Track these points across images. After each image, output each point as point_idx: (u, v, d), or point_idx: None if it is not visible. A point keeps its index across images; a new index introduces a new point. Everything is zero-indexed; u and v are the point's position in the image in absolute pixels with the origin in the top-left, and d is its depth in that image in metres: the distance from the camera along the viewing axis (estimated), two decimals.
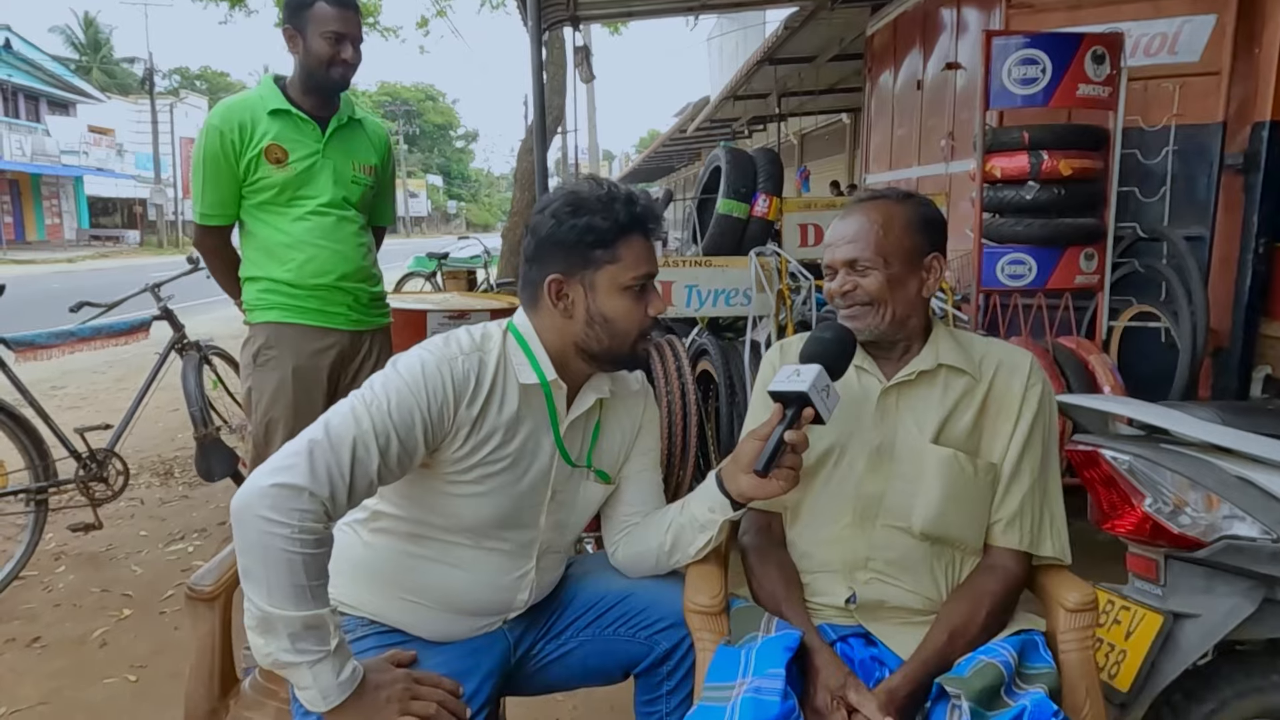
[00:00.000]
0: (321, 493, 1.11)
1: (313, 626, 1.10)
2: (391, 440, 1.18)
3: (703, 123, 15.22)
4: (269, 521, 1.08)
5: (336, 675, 1.12)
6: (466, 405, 1.24)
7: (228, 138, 2.14)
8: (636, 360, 1.35)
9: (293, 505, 1.09)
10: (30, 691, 2.32)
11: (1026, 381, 1.34)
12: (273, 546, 1.08)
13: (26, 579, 3.01)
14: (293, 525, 1.09)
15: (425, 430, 1.20)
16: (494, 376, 1.28)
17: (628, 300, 1.28)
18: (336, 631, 1.13)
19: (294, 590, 1.09)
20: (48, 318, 3.42)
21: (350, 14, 2.20)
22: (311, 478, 1.11)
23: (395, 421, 1.18)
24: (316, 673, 1.11)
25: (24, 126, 27.31)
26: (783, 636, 1.16)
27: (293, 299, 2.23)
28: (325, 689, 1.11)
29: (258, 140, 2.15)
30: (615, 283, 1.27)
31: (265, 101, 2.18)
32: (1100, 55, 3.10)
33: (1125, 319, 3.38)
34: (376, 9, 10.13)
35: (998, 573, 1.28)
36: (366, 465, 1.16)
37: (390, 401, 1.19)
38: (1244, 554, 1.32)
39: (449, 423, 1.23)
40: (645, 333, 1.32)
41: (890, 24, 7.11)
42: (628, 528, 1.47)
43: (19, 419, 2.91)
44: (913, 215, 1.37)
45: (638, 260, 1.28)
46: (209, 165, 2.17)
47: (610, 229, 1.25)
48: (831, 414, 1.27)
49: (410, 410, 1.19)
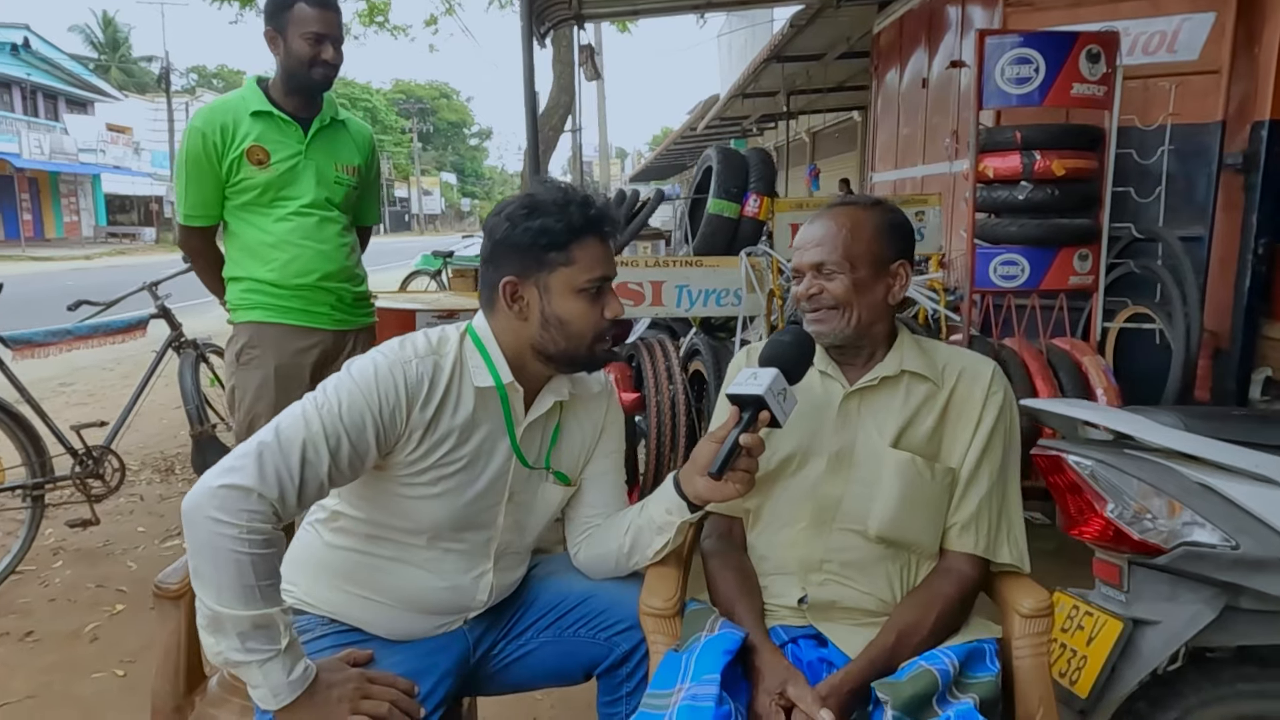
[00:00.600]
0: (270, 494, 1.12)
1: (261, 626, 1.11)
2: (342, 442, 1.19)
3: (712, 120, 15.18)
4: (217, 522, 1.09)
5: (287, 674, 1.12)
6: (420, 408, 1.25)
7: (209, 139, 2.16)
8: (594, 362, 1.36)
9: (240, 506, 1.10)
10: (20, 685, 2.36)
11: (988, 389, 1.34)
12: (221, 547, 1.10)
13: (24, 573, 3.05)
14: (241, 525, 1.10)
15: (377, 433, 1.21)
16: (449, 379, 1.29)
17: (583, 302, 1.28)
18: (287, 631, 1.13)
19: (243, 590, 1.10)
20: (60, 315, 3.47)
21: (331, 15, 2.21)
22: (260, 479, 1.12)
23: (346, 424, 1.19)
24: (266, 671, 1.12)
25: (43, 125, 27.62)
26: (722, 638, 1.17)
27: (275, 299, 2.25)
28: (275, 687, 1.12)
29: (239, 142, 2.17)
30: (570, 285, 1.27)
31: (247, 103, 2.20)
32: (1095, 54, 3.07)
33: (1120, 320, 3.35)
34: (386, 7, 10.17)
35: (952, 576, 1.28)
36: (316, 467, 1.17)
37: (341, 404, 1.20)
38: (1203, 561, 1.31)
39: (401, 425, 1.24)
40: (602, 335, 1.32)
41: (896, 22, 7.08)
42: (589, 529, 1.48)
43: (16, 416, 2.95)
44: (880, 221, 1.37)
45: (592, 263, 1.28)
46: (191, 167, 2.20)
47: (564, 231, 1.26)
48: (788, 417, 1.27)
49: (361, 413, 1.20)
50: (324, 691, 1.16)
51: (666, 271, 3.16)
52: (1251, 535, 1.27)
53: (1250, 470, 1.29)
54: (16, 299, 2.87)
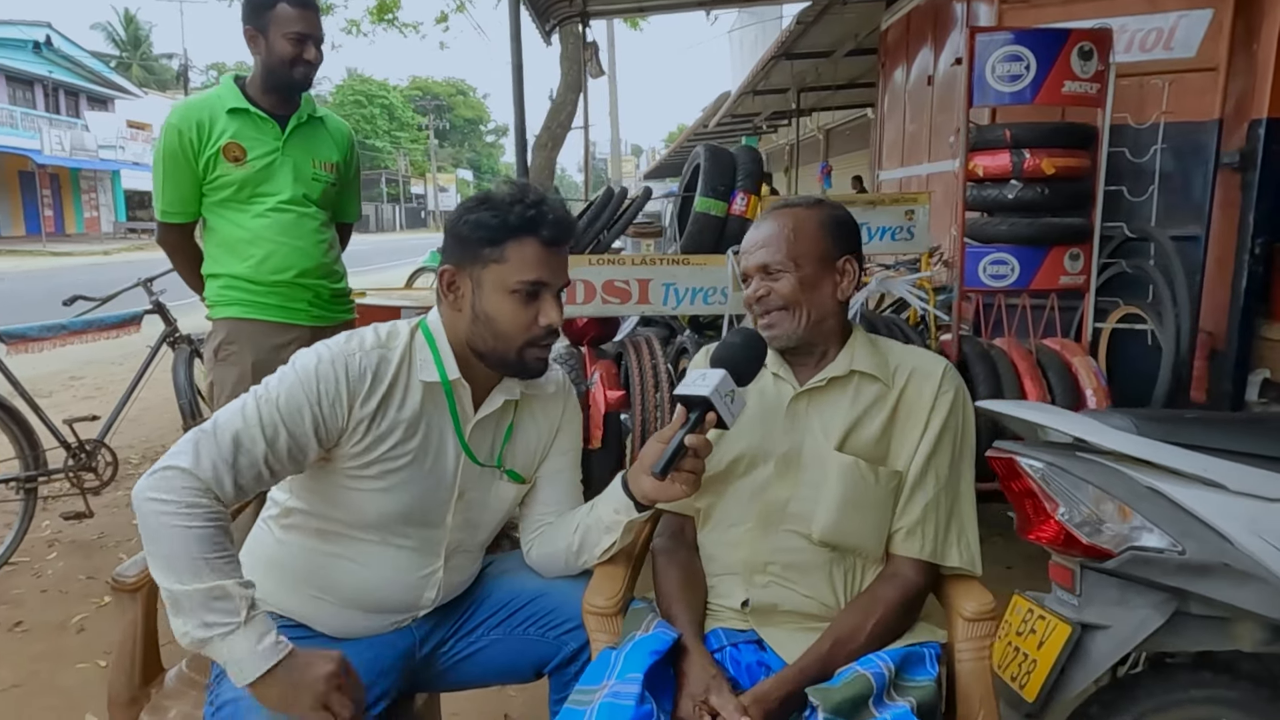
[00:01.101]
0: (204, 476, 1.15)
1: (218, 598, 1.11)
2: (279, 432, 1.20)
3: (724, 118, 15.14)
4: (157, 500, 1.12)
5: (254, 644, 1.11)
6: (361, 402, 1.26)
7: (186, 136, 2.18)
8: (524, 369, 1.34)
9: (176, 483, 1.13)
10: (6, 674, 2.40)
11: (938, 389, 1.33)
12: (164, 524, 1.12)
13: (18, 564, 3.10)
14: (178, 500, 1.12)
15: (316, 424, 1.23)
16: (395, 373, 1.30)
17: (513, 303, 1.28)
18: (245, 602, 1.12)
19: (190, 563, 1.11)
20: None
21: (311, 14, 2.23)
22: (195, 463, 1.15)
23: (284, 415, 1.21)
24: (230, 645, 1.10)
25: (64, 122, 27.96)
26: (652, 638, 1.17)
27: (252, 295, 2.27)
28: (240, 660, 1.10)
29: (216, 139, 2.19)
30: (501, 283, 1.28)
31: (223, 100, 2.22)
32: (1087, 51, 3.03)
33: (1113, 321, 3.31)
34: (395, 4, 10.20)
35: (895, 582, 1.28)
36: (252, 455, 1.18)
37: (280, 396, 1.22)
38: (1150, 565, 1.30)
39: (343, 419, 1.25)
40: (534, 342, 1.31)
41: (903, 18, 7.04)
42: (542, 527, 1.48)
43: (10, 409, 3.00)
44: (823, 218, 1.37)
45: (525, 264, 1.27)
46: (168, 163, 2.22)
47: (498, 227, 1.26)
48: (736, 418, 1.27)
49: (300, 405, 1.22)
50: (301, 670, 1.13)
51: (653, 269, 3.15)
52: (1198, 540, 1.26)
53: (1198, 475, 1.28)
54: (36, 293, 2.92)
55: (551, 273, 1.30)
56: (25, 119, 26.23)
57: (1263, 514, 1.23)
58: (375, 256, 21.84)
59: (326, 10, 10.14)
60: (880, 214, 3.24)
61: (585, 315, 3.18)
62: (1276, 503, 1.24)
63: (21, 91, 27.73)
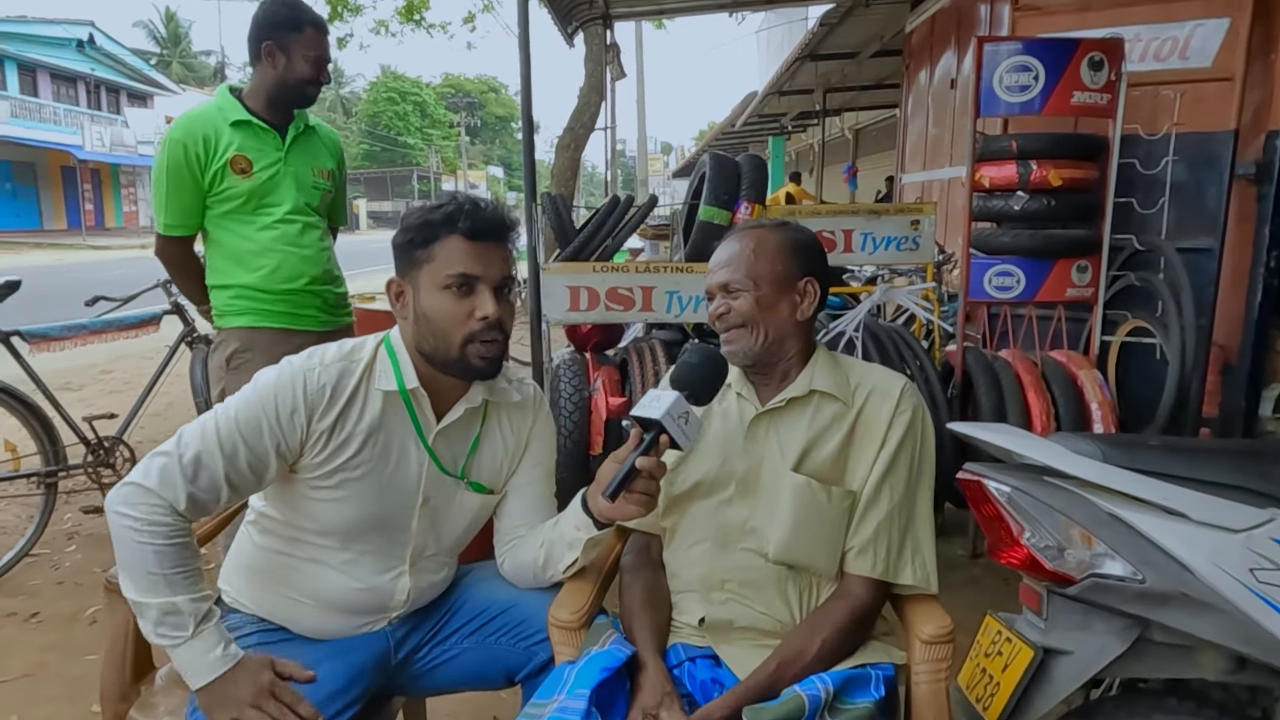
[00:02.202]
0: (166, 495, 1.21)
1: (169, 613, 1.19)
2: (239, 450, 1.26)
3: (750, 118, 15.10)
4: (122, 515, 1.20)
5: (203, 655, 1.20)
6: (319, 416, 1.31)
7: (191, 151, 2.22)
8: (469, 367, 1.35)
9: (139, 500, 1.20)
10: (17, 663, 2.49)
11: (895, 407, 1.34)
12: (126, 538, 1.20)
13: (38, 556, 3.21)
14: (141, 519, 1.19)
15: (275, 440, 1.28)
16: (356, 384, 1.34)
17: (447, 299, 1.31)
18: (194, 619, 1.19)
19: (147, 578, 1.19)
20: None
21: (327, 39, 2.32)
22: (158, 482, 1.21)
23: (243, 433, 1.26)
24: (180, 655, 1.20)
25: (105, 118, 28.62)
26: (606, 654, 1.19)
27: (264, 304, 2.32)
28: (191, 668, 1.20)
29: (222, 152, 2.23)
30: (433, 280, 1.32)
31: (225, 113, 2.25)
32: (1098, 61, 3.00)
33: (1121, 334, 3.27)
34: (424, 4, 10.31)
35: (845, 601, 1.29)
36: (213, 472, 1.24)
37: (240, 414, 1.27)
38: (1110, 592, 1.29)
39: (301, 432, 1.30)
40: (474, 337, 1.33)
41: (928, 20, 6.99)
42: (513, 539, 1.52)
43: (31, 406, 3.09)
44: (783, 240, 1.40)
45: (451, 258, 1.31)
46: (171, 177, 2.24)
47: (423, 228, 1.32)
48: (691, 440, 1.28)
49: (258, 422, 1.27)
50: (234, 682, 1.20)
51: (657, 277, 3.17)
52: (1157, 569, 1.26)
53: (1160, 503, 1.27)
54: (70, 285, 3.02)
55: (481, 265, 1.32)
56: (68, 115, 26.91)
57: (1223, 544, 1.23)
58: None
59: (356, 11, 10.28)
60: (885, 224, 3.24)
61: (589, 322, 3.22)
62: (1238, 533, 1.23)
63: (65, 88, 28.43)
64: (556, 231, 3.27)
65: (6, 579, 3.02)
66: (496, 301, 1.33)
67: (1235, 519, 1.25)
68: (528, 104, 3.26)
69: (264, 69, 2.29)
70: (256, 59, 2.30)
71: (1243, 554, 1.22)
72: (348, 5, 9.94)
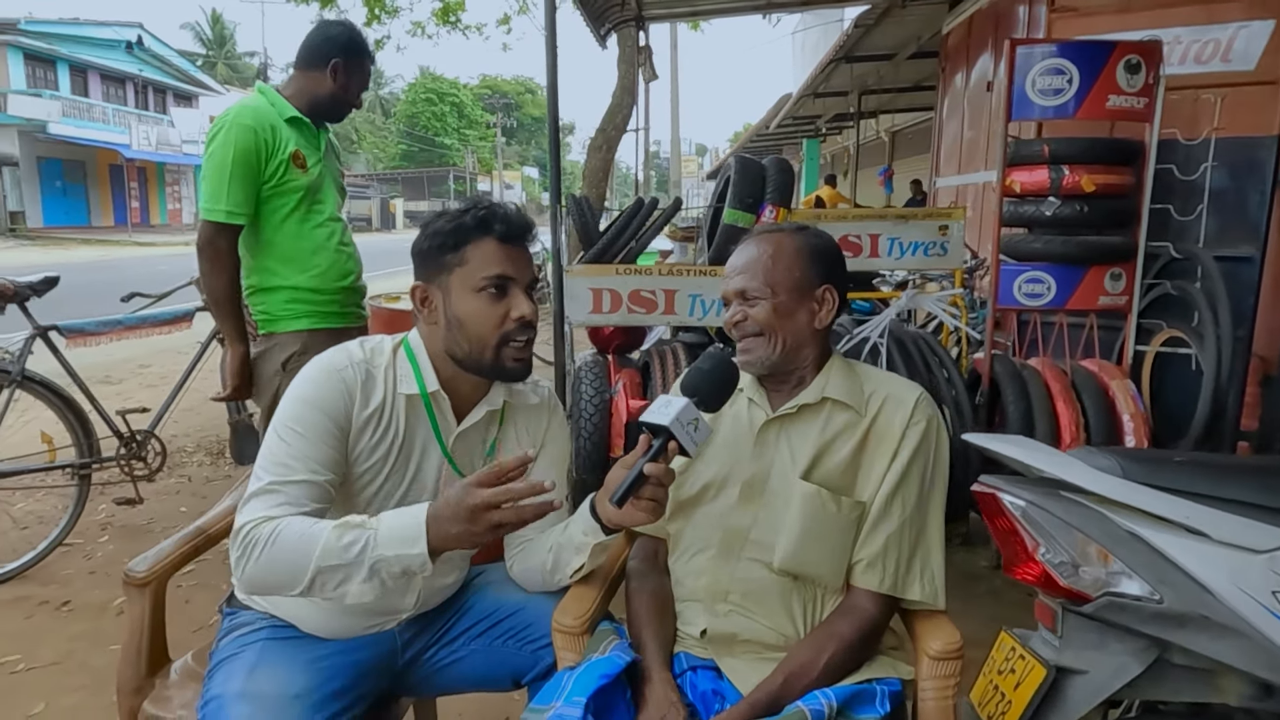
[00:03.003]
0: (273, 514, 1.21)
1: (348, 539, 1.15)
2: (324, 451, 1.27)
3: (784, 120, 15.01)
4: (250, 545, 1.19)
5: (400, 516, 1.17)
6: (360, 406, 1.32)
7: (261, 137, 2.19)
8: (503, 369, 1.36)
9: (249, 530, 1.20)
10: (47, 651, 2.55)
11: (909, 418, 1.31)
12: (260, 561, 1.19)
13: (71, 546, 3.28)
14: (266, 537, 1.19)
15: (337, 434, 1.29)
16: (381, 386, 1.35)
17: (481, 302, 1.32)
18: (360, 526, 1.17)
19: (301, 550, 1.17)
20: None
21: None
22: (265, 508, 1.22)
23: (316, 431, 1.27)
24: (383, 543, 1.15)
25: (151, 118, 29.31)
26: (605, 661, 1.18)
27: (320, 305, 2.34)
28: (405, 531, 1.15)
29: (285, 144, 2.23)
30: (466, 284, 1.32)
31: (280, 109, 2.26)
32: (1135, 65, 2.93)
33: (1157, 344, 3.19)
34: (459, 6, 10.40)
35: (852, 615, 1.27)
36: (318, 482, 1.26)
37: (303, 419, 1.28)
38: (1126, 612, 1.26)
39: (350, 422, 1.31)
40: (509, 338, 1.34)
41: (965, 21, 6.88)
42: (524, 543, 1.51)
43: (67, 400, 3.17)
44: (802, 246, 1.37)
45: (486, 261, 1.32)
46: (240, 163, 2.17)
47: (454, 232, 1.32)
48: (700, 446, 1.27)
49: (318, 420, 1.28)
50: (453, 509, 1.15)
51: (680, 280, 3.16)
52: (1176, 589, 1.22)
53: (1180, 521, 1.24)
54: (115, 283, 3.11)
55: (515, 267, 1.34)
56: (117, 115, 27.60)
57: (1245, 565, 1.19)
58: None
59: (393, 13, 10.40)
60: (913, 229, 3.19)
61: (611, 324, 3.21)
62: (1261, 554, 1.19)
63: (114, 89, 29.18)
64: (581, 234, 3.27)
65: (41, 567, 3.10)
66: (529, 301, 1.35)
67: (1259, 539, 1.20)
68: (554, 107, 3.27)
69: (321, 80, 2.33)
70: (313, 68, 2.33)
71: (1266, 576, 1.18)
72: (385, 7, 10.06)
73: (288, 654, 1.35)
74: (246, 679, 1.30)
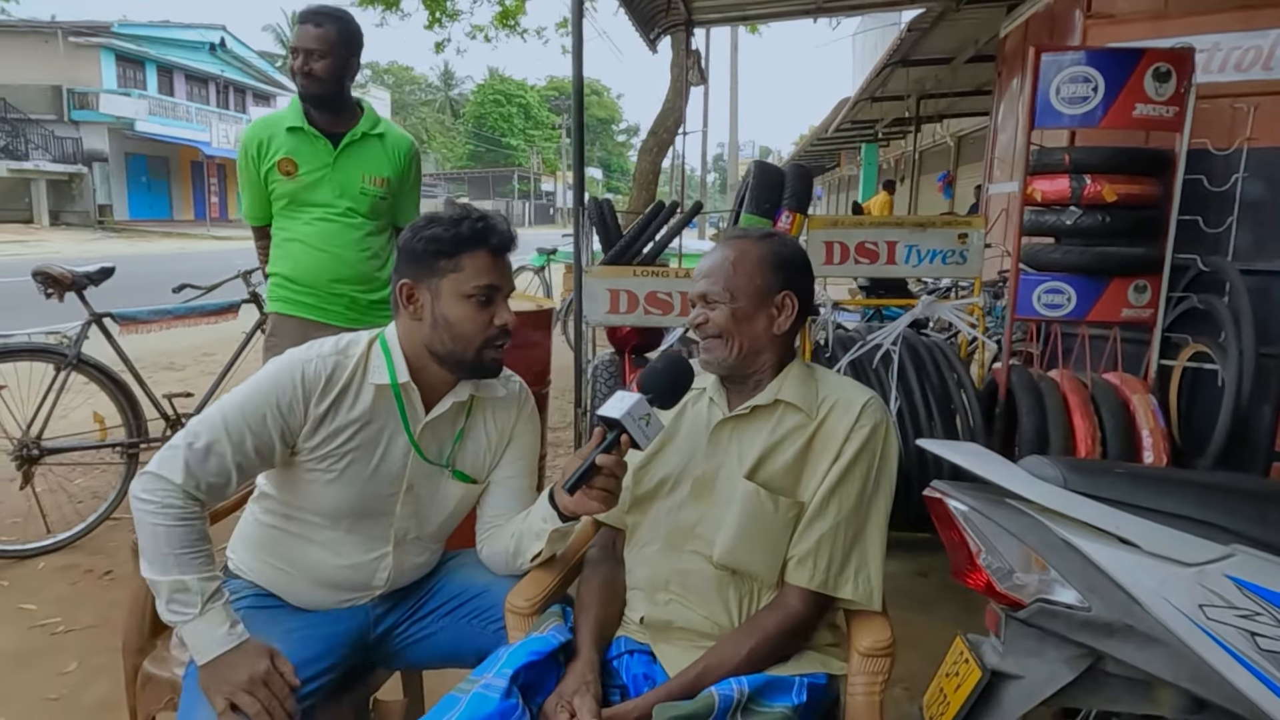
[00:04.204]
0: (179, 481, 1.32)
1: (179, 590, 1.30)
2: (245, 436, 1.37)
3: (843, 124, 14.84)
4: (140, 500, 1.32)
5: (211, 632, 1.30)
6: (316, 402, 1.42)
7: (248, 152, 2.50)
8: (483, 368, 1.47)
9: (154, 486, 1.32)
10: (86, 615, 2.74)
11: (854, 421, 1.35)
12: (143, 521, 1.32)
13: (119, 520, 3.50)
14: (155, 502, 1.31)
15: (277, 424, 1.39)
16: (349, 377, 1.45)
17: (470, 308, 1.42)
18: (201, 597, 1.30)
19: (159, 557, 1.31)
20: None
21: (308, 29, 2.49)
22: (172, 469, 1.33)
23: (247, 419, 1.37)
24: (189, 631, 1.31)
25: (231, 116, 30.57)
26: (538, 639, 1.26)
27: (292, 293, 2.55)
28: (197, 645, 1.31)
29: (273, 154, 2.48)
30: (458, 290, 1.41)
31: (285, 120, 2.50)
32: (1164, 73, 2.87)
33: (1183, 359, 3.11)
34: (518, 10, 10.62)
35: (780, 610, 1.31)
36: (222, 458, 1.36)
37: (244, 403, 1.39)
38: (1057, 619, 1.27)
39: (300, 416, 1.41)
40: (491, 341, 1.44)
41: (1022, 25, 6.74)
42: (492, 528, 1.60)
43: (118, 382, 3.38)
44: (765, 254, 1.41)
45: (479, 271, 1.41)
46: (241, 174, 2.59)
47: (451, 240, 1.40)
48: (651, 440, 1.33)
49: (261, 408, 1.38)
50: (233, 664, 1.29)
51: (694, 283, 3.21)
52: (1104, 598, 1.23)
53: (1113, 531, 1.24)
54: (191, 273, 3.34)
55: (502, 277, 1.44)
56: (199, 113, 28.87)
57: (1173, 578, 1.19)
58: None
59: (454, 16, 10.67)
60: (931, 236, 3.18)
61: (627, 325, 3.28)
62: (1191, 568, 1.20)
63: (197, 88, 30.52)
64: (600, 236, 3.35)
65: (90, 538, 3.32)
66: (508, 309, 1.45)
67: (1190, 553, 1.21)
68: (579, 111, 3.36)
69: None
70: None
71: (1193, 589, 1.18)
72: (446, 10, 10.33)
73: (265, 622, 1.46)
74: None
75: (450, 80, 59.54)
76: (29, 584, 2.96)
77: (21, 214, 24.43)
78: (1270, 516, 1.25)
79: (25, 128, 24.32)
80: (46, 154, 24.75)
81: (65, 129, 25.24)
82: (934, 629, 2.46)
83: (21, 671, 2.41)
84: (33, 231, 22.58)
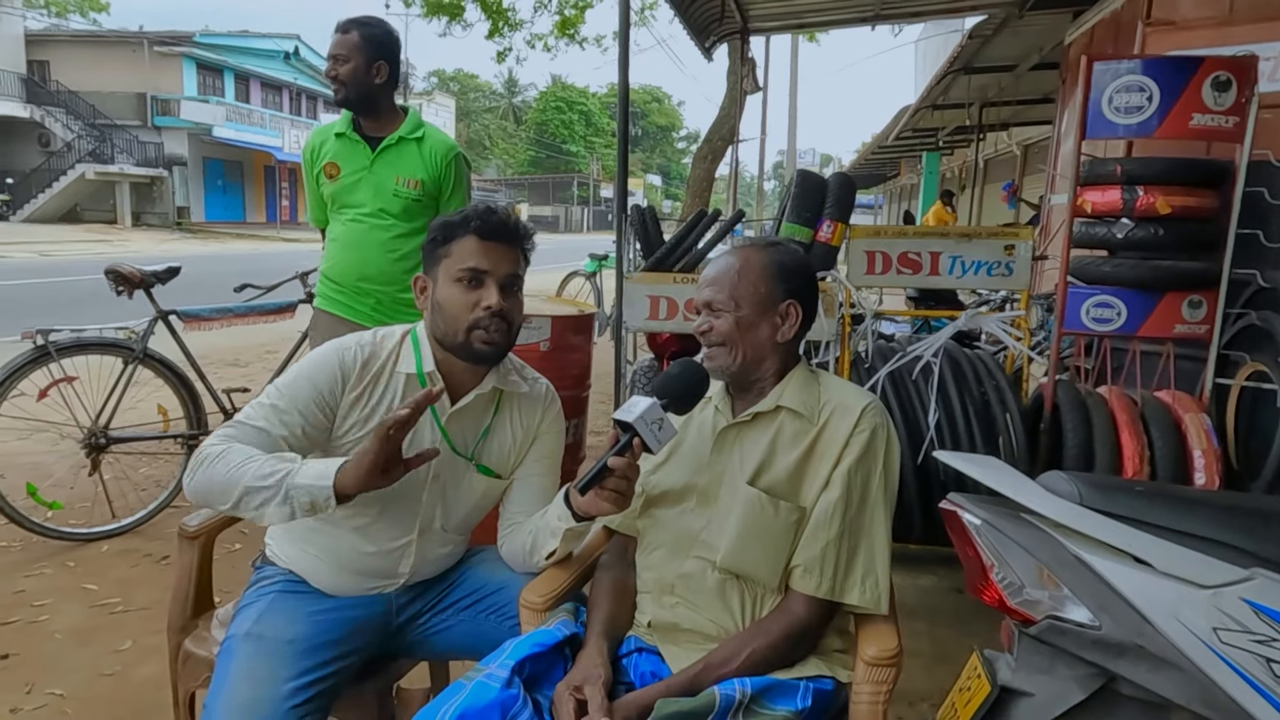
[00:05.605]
0: (222, 445, 1.40)
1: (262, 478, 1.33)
2: (293, 414, 1.46)
3: (903, 132, 14.62)
4: (203, 462, 1.38)
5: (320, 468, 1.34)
6: (351, 386, 1.51)
7: (305, 157, 2.69)
8: (472, 351, 1.50)
9: (212, 451, 1.39)
10: (143, 597, 2.88)
11: (854, 427, 1.35)
12: (214, 471, 1.36)
13: (179, 508, 3.66)
14: (220, 450, 1.38)
15: (319, 403, 1.48)
16: (382, 365, 1.54)
17: (458, 290, 1.48)
18: (288, 460, 1.36)
19: (231, 478, 1.34)
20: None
21: (341, 38, 2.57)
22: (219, 438, 1.42)
23: (296, 400, 1.47)
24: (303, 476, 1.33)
25: (303, 123, 31.60)
26: (543, 632, 1.29)
27: (329, 291, 2.69)
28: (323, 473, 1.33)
29: (322, 158, 2.64)
30: (449, 273, 1.49)
31: (335, 127, 2.65)
32: (1224, 81, 2.78)
33: (1241, 378, 3.00)
34: (577, 19, 10.76)
35: (784, 616, 1.32)
36: (270, 435, 1.44)
37: (289, 384, 1.49)
38: (1067, 636, 1.25)
39: (338, 396, 1.50)
40: (478, 324, 1.48)
41: (1087, 33, 6.58)
42: (512, 525, 1.65)
43: (181, 377, 3.55)
44: (769, 263, 1.43)
45: (464, 254, 1.48)
46: (305, 178, 2.73)
47: (444, 228, 1.50)
48: (663, 445, 1.36)
49: (303, 386, 1.48)
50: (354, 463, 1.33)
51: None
52: (1115, 617, 1.21)
53: (1127, 550, 1.22)
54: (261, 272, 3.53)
55: (490, 262, 1.49)
56: (272, 120, 29.92)
57: (1188, 599, 1.17)
58: (550, 257, 23.00)
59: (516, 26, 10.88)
60: (976, 248, 3.14)
61: (667, 330, 3.31)
62: (1206, 589, 1.17)
63: (271, 95, 31.65)
64: (642, 243, 3.39)
65: (151, 524, 3.48)
66: (502, 295, 1.49)
67: (1206, 574, 1.18)
68: (624, 120, 3.40)
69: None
70: None
71: (1208, 611, 1.16)
72: (508, 20, 10.54)
73: (292, 605, 1.53)
74: (254, 623, 1.49)
75: (514, 87, 60.50)
76: (93, 565, 3.12)
77: (107, 214, 25.72)
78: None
79: (112, 133, 25.58)
80: (130, 158, 25.99)
81: (148, 134, 26.47)
82: (964, 645, 2.42)
83: (82, 648, 2.55)
84: (116, 231, 23.74)
